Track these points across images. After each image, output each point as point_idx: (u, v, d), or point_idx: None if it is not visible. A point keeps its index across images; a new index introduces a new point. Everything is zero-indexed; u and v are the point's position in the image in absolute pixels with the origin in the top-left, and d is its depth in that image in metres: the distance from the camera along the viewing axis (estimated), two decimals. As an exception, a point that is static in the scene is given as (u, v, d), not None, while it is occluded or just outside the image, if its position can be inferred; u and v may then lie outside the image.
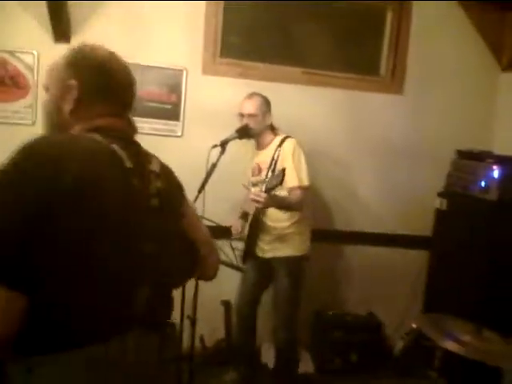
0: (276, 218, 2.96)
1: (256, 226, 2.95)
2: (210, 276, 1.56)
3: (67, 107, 1.22)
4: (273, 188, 2.65)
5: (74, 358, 1.04)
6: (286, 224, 2.96)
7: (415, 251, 3.84)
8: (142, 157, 1.26)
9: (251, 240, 2.96)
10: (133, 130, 1.31)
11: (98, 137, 1.16)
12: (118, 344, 1.10)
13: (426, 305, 3.74)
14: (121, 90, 1.28)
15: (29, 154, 1.04)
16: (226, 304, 3.50)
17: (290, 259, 2.96)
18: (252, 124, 2.94)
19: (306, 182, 2.88)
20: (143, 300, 1.17)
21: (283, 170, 2.61)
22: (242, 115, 2.97)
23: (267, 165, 2.96)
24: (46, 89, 1.29)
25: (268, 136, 3.02)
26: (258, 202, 2.66)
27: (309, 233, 3.05)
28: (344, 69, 3.76)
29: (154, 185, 1.23)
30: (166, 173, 1.33)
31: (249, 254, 2.97)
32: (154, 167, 1.27)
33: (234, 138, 2.90)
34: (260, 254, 3.02)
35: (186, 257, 1.39)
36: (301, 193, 2.87)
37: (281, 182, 2.60)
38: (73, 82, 1.22)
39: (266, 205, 2.73)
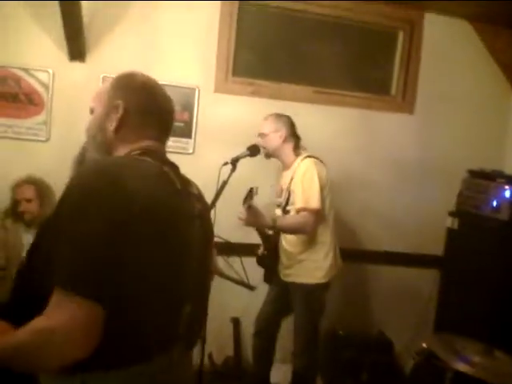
0: (291, 242, 2.92)
1: (276, 247, 2.94)
2: None
3: (111, 126, 1.25)
4: (246, 205, 2.66)
5: (124, 374, 1.06)
6: (300, 249, 2.89)
7: (426, 270, 3.82)
8: (183, 179, 1.30)
9: (272, 260, 2.93)
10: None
11: (151, 160, 1.20)
12: (164, 361, 1.13)
13: (437, 324, 3.70)
14: (163, 115, 1.33)
15: (98, 174, 1.07)
16: (235, 321, 3.49)
17: (305, 286, 2.86)
18: (262, 143, 2.95)
19: (313, 205, 2.75)
20: (186, 317, 1.19)
21: (251, 189, 2.63)
22: (259, 135, 3.00)
23: (286, 186, 2.93)
24: (91, 111, 1.32)
25: (289, 156, 2.97)
26: (242, 221, 2.71)
27: (329, 260, 2.89)
28: (356, 88, 3.78)
29: (196, 207, 1.28)
30: (202, 195, 1.38)
31: (271, 273, 2.94)
32: (194, 189, 1.33)
33: (245, 155, 2.89)
34: (281, 276, 2.98)
35: (210, 274, 1.42)
36: (308, 215, 2.75)
37: (247, 200, 2.63)
38: (119, 101, 1.26)
39: (247, 223, 2.73)
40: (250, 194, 2.59)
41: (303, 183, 2.79)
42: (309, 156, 2.90)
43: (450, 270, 3.68)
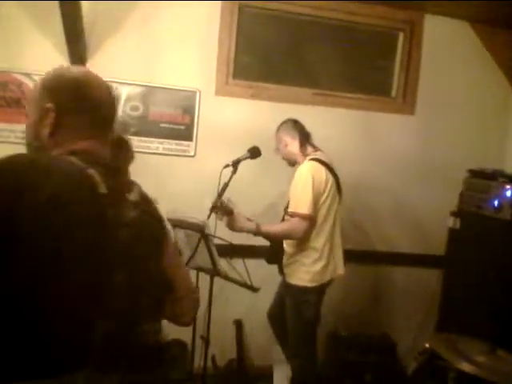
0: (288, 243, 2.95)
1: (276, 248, 2.98)
2: (182, 322, 1.45)
3: (45, 132, 1.19)
4: (222, 212, 2.68)
5: None
6: (292, 250, 2.92)
7: (429, 270, 3.82)
8: (120, 184, 1.19)
9: (274, 258, 2.99)
10: (113, 152, 1.28)
11: (74, 160, 1.12)
12: (66, 382, 1.01)
13: (440, 324, 3.68)
14: (100, 111, 1.24)
15: None
16: (238, 323, 3.48)
17: (294, 287, 2.88)
18: (282, 156, 3.00)
19: (304, 211, 2.73)
20: (101, 334, 1.06)
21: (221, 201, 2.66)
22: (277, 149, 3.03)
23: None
24: (26, 115, 1.26)
25: (299, 159, 2.97)
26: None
27: (318, 266, 2.87)
28: (356, 90, 3.79)
29: (128, 214, 1.15)
30: (146, 204, 1.25)
31: (275, 258, 2.98)
32: (133, 196, 1.19)
33: (246, 157, 2.91)
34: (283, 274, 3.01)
35: (152, 295, 1.23)
36: (297, 220, 2.75)
37: (221, 205, 2.65)
38: (49, 105, 1.19)
39: (230, 228, 2.74)
40: (221, 204, 2.63)
41: (297, 187, 2.80)
42: (312, 158, 2.88)
43: (452, 270, 3.67)
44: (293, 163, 2.99)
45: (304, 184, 2.75)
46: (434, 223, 3.76)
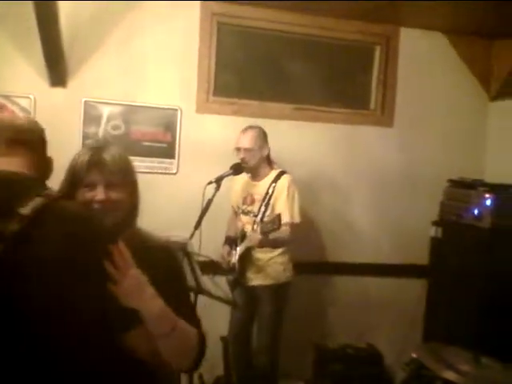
0: (262, 250, 3.02)
1: (245, 257, 3.01)
2: (176, 367, 1.45)
3: None
4: (269, 232, 2.74)
5: None
6: (271, 255, 3.03)
7: (413, 280, 3.83)
8: (12, 199, 1.16)
9: (241, 270, 3.02)
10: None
11: None
12: None
13: (426, 334, 3.70)
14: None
15: None
16: (225, 340, 3.44)
17: (274, 287, 3.03)
18: (248, 158, 2.99)
19: (297, 220, 2.96)
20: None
21: (279, 216, 2.70)
22: (238, 149, 3.02)
23: (261, 197, 3.02)
24: None
25: (264, 168, 3.07)
26: (253, 241, 2.82)
27: (291, 262, 3.11)
28: (335, 104, 3.82)
29: (7, 227, 1.11)
30: (50, 220, 1.16)
31: (238, 282, 3.04)
32: (25, 210, 1.13)
33: (229, 174, 2.94)
34: (248, 282, 3.07)
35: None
36: (292, 229, 2.93)
37: (278, 227, 2.69)
38: None
39: (261, 246, 2.86)
40: (279, 219, 2.70)
41: (288, 199, 2.93)
42: (283, 171, 3.04)
43: (435, 279, 3.69)
44: (254, 169, 3.05)
45: (292, 195, 2.96)
46: (417, 233, 3.76)
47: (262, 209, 2.98)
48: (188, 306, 1.47)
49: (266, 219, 2.92)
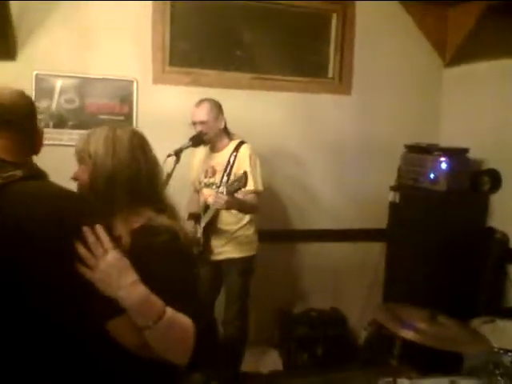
0: (226, 222, 3.02)
1: (209, 230, 2.99)
2: (170, 359, 1.28)
3: None
4: (235, 190, 2.69)
5: None
6: (236, 227, 3.04)
7: (373, 244, 3.90)
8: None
9: (205, 244, 3.01)
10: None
11: None
12: None
13: (386, 295, 3.79)
14: None
15: None
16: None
17: (240, 260, 3.04)
18: (205, 130, 2.94)
19: (261, 188, 2.96)
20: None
21: (245, 173, 2.65)
22: (194, 123, 2.97)
23: (222, 167, 3.00)
24: None
25: (223, 139, 3.05)
26: (219, 204, 2.71)
27: (256, 234, 3.13)
28: (293, 72, 3.78)
29: None
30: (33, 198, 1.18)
31: (204, 258, 3.00)
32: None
33: (188, 146, 2.89)
34: (213, 257, 3.06)
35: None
36: (255, 197, 2.94)
37: (244, 185, 2.64)
38: None
39: (229, 207, 2.77)
40: (245, 177, 2.63)
41: (251, 167, 2.90)
42: (243, 141, 3.03)
43: (394, 242, 3.77)
44: (212, 141, 3.02)
45: (254, 163, 2.95)
46: (376, 198, 3.81)
47: (225, 179, 2.97)
48: (185, 293, 1.30)
49: (230, 181, 2.89)
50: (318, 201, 3.86)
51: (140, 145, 1.41)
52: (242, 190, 2.80)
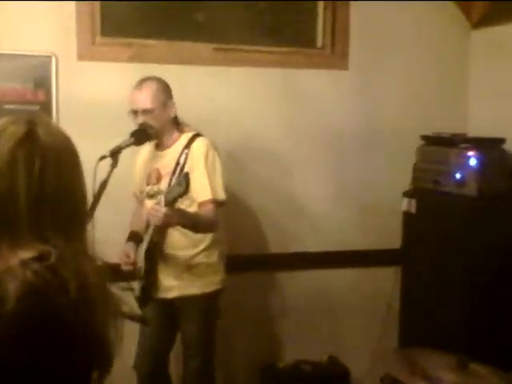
0: (179, 245, 3.00)
1: (154, 256, 2.97)
2: None
3: None
4: (175, 199, 2.69)
5: None
6: (193, 252, 3.01)
7: (382, 270, 3.95)
8: None
9: (150, 276, 2.98)
10: None
11: None
12: None
13: (401, 338, 3.83)
14: None
15: None
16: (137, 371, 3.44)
17: (201, 297, 3.01)
18: (150, 121, 2.94)
19: (222, 196, 2.95)
20: None
21: (186, 175, 2.66)
22: (134, 112, 2.97)
23: (170, 170, 2.98)
24: None
25: (171, 133, 3.06)
26: (156, 218, 2.69)
27: (223, 261, 3.11)
28: (269, 41, 3.81)
29: None
30: None
31: (148, 295, 3.00)
32: None
33: (130, 144, 2.88)
34: (161, 294, 3.04)
35: None
36: (214, 209, 2.92)
37: (185, 191, 2.64)
38: None
39: (168, 222, 2.75)
40: (186, 179, 2.63)
41: (207, 169, 2.92)
42: (198, 134, 3.04)
43: (410, 267, 3.81)
44: (158, 135, 3.02)
45: (212, 163, 2.95)
46: (385, 208, 3.87)
47: (170, 183, 2.95)
48: None
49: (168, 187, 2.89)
50: (308, 214, 3.86)
51: (30, 152, 1.34)
52: (200, 200, 2.87)
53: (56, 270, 1.20)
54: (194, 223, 2.86)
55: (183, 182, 2.63)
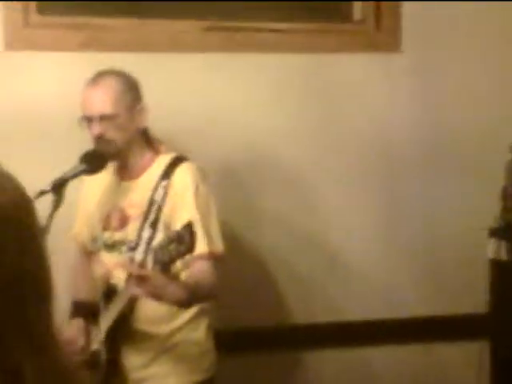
0: (152, 318, 2.98)
1: (121, 334, 2.96)
2: None
3: None
4: (172, 260, 2.64)
5: None
6: (173, 326, 3.03)
7: (460, 345, 3.92)
8: None
9: (113, 362, 2.98)
10: None
11: None
12: None
13: None
14: None
15: None
16: None
17: None
18: (111, 133, 2.90)
19: (220, 247, 2.97)
20: None
21: (189, 226, 2.60)
22: (88, 120, 2.92)
23: (140, 211, 2.99)
24: None
25: (141, 154, 3.07)
26: (141, 286, 2.59)
27: (211, 338, 3.12)
28: (285, 16, 3.82)
29: None
30: None
31: None
32: None
33: (80, 172, 2.89)
34: None
35: None
36: (211, 267, 2.92)
37: (188, 250, 2.57)
38: None
39: (159, 294, 2.64)
40: (190, 232, 2.59)
41: (199, 210, 2.91)
42: (180, 157, 3.05)
43: (504, 340, 3.72)
44: (121, 156, 3.00)
45: (205, 202, 2.96)
46: (461, 254, 3.84)
47: (146, 233, 2.94)
48: None
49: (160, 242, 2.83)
50: (345, 266, 3.84)
51: None
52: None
53: None
54: (196, 298, 2.85)
55: (186, 237, 2.55)
